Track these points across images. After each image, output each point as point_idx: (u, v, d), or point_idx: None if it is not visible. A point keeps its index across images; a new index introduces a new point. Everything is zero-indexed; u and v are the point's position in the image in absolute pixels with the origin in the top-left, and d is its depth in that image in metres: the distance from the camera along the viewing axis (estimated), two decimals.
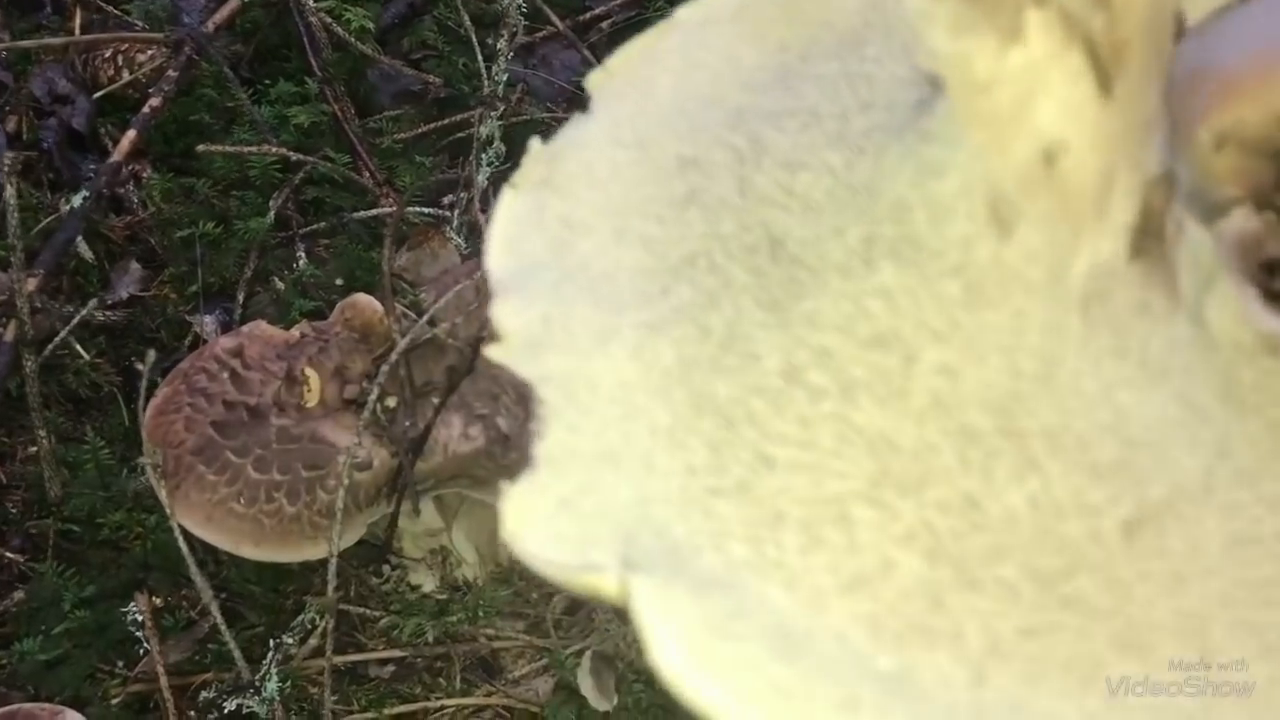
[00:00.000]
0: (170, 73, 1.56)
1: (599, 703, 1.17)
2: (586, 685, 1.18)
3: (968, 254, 0.35)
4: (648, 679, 1.23)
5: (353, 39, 1.68)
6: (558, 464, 0.36)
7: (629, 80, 0.46)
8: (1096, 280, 0.35)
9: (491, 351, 0.39)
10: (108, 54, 1.66)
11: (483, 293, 1.15)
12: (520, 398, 1.13)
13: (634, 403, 0.37)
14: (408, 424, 1.14)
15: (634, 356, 0.37)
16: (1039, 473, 0.32)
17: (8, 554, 1.31)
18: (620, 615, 1.24)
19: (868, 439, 0.34)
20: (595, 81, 0.47)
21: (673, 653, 0.32)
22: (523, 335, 0.39)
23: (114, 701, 1.20)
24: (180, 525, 1.12)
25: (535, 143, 0.44)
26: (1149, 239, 0.35)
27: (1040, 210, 0.35)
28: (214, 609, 1.18)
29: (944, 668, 0.31)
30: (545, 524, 0.35)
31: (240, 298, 1.49)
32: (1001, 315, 0.34)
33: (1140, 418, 0.33)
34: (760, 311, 0.37)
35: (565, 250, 0.41)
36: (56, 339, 1.38)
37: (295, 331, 1.23)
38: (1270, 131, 0.37)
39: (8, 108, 1.65)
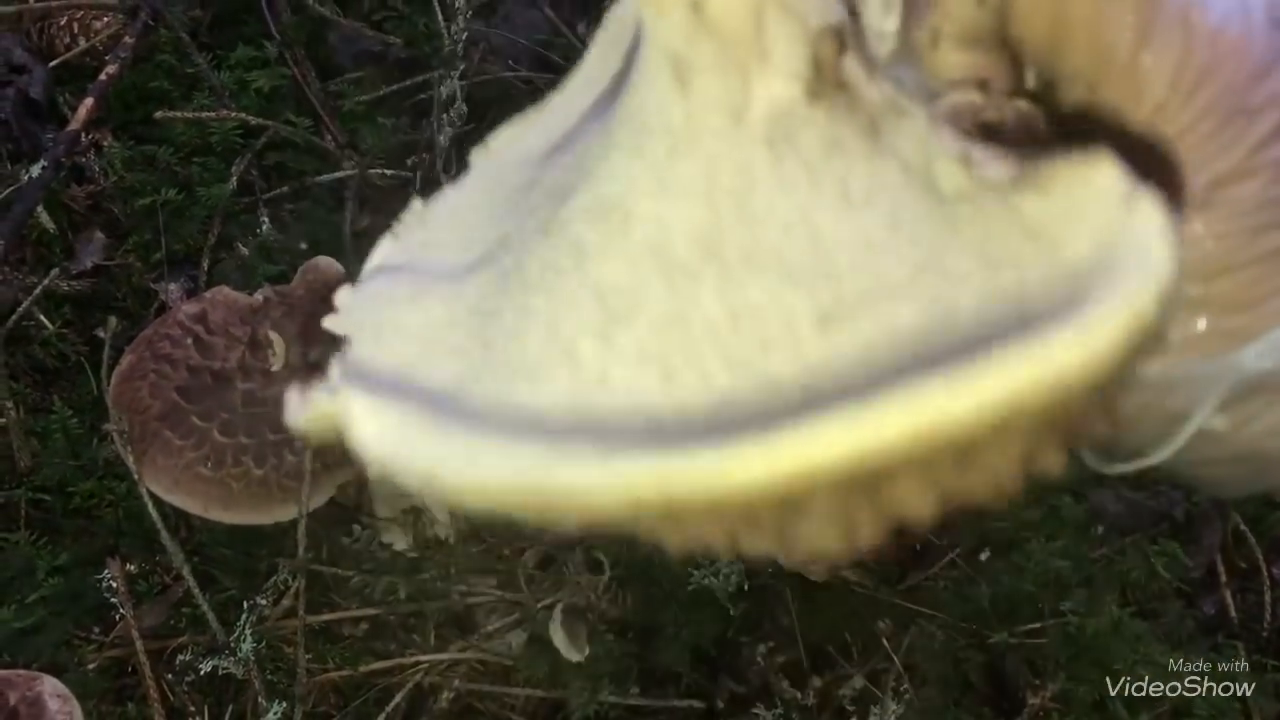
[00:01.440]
0: (126, 39, 1.55)
1: (571, 654, 1.19)
2: (558, 637, 1.19)
3: (666, 118, 0.37)
4: (619, 629, 1.24)
5: (312, 1, 1.67)
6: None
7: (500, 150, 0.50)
8: (778, 121, 0.36)
9: (328, 321, 0.43)
10: (63, 22, 1.64)
11: None
12: None
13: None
14: None
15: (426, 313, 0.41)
16: (738, 286, 0.34)
17: None
18: (588, 565, 1.25)
19: (597, 290, 0.36)
20: (475, 156, 0.50)
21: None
22: (347, 309, 0.43)
23: (90, 667, 1.21)
24: (149, 491, 1.12)
25: (417, 202, 0.49)
26: (827, 87, 0.36)
27: (707, 59, 0.37)
28: (187, 573, 1.19)
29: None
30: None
31: (205, 264, 1.49)
32: (696, 163, 0.36)
33: (838, 236, 0.34)
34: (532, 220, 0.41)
35: (414, 258, 0.45)
36: (20, 309, 1.38)
37: (258, 296, 1.23)
38: (974, 16, 0.36)
39: None
